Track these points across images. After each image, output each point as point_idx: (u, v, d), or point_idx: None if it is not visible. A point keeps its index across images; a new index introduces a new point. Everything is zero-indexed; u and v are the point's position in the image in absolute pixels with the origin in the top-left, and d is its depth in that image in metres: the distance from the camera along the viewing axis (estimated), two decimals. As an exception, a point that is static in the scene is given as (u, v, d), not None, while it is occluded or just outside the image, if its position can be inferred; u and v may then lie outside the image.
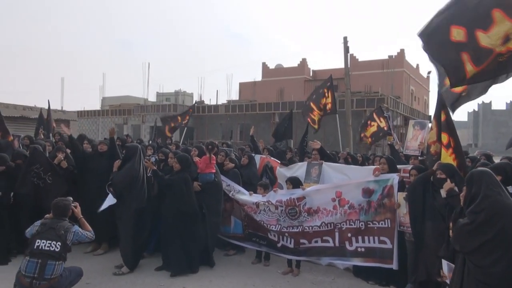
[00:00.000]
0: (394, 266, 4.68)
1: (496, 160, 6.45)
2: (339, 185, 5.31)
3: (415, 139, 6.74)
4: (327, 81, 10.19)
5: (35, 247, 3.70)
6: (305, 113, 10.62)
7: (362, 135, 10.43)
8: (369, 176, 5.25)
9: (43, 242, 3.71)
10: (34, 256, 3.68)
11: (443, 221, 3.90)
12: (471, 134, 63.27)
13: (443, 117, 4.58)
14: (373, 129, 9.93)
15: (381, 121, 9.66)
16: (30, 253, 3.71)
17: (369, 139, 10.17)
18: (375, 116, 9.92)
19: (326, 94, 9.94)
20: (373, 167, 5.77)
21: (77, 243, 4.05)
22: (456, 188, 3.89)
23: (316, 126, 10.36)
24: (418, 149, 6.63)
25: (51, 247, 3.70)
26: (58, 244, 3.73)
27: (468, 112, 65.54)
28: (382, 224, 4.81)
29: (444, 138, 4.56)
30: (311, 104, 10.36)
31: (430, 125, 6.30)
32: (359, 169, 6.01)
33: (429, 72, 44.11)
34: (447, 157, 4.54)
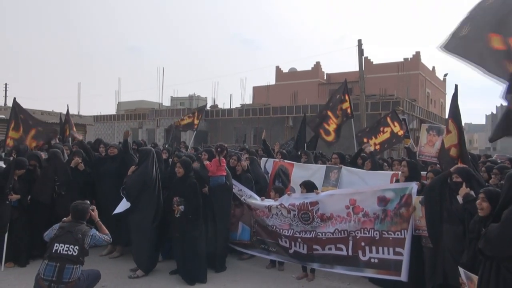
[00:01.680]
0: (403, 277, 4.47)
1: None
2: (353, 192, 5.16)
3: (431, 145, 6.41)
4: (342, 86, 9.39)
5: (53, 251, 3.76)
6: (318, 125, 9.32)
7: (366, 140, 8.99)
8: (386, 182, 5.17)
9: (61, 246, 3.76)
10: (53, 259, 3.74)
11: (461, 224, 3.78)
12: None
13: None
14: (385, 136, 8.82)
15: (395, 126, 8.69)
16: (48, 257, 3.77)
17: (378, 146, 8.93)
18: (389, 120, 8.87)
19: (343, 99, 9.05)
20: (391, 172, 5.69)
21: (94, 246, 4.09)
22: (472, 193, 3.79)
23: (330, 138, 9.03)
24: (436, 156, 6.39)
25: (69, 251, 3.76)
26: (76, 248, 3.78)
27: (486, 115, 64.30)
28: (398, 234, 4.61)
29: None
30: (328, 112, 9.20)
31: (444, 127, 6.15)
32: (378, 174, 5.92)
33: (445, 75, 43.55)
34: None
